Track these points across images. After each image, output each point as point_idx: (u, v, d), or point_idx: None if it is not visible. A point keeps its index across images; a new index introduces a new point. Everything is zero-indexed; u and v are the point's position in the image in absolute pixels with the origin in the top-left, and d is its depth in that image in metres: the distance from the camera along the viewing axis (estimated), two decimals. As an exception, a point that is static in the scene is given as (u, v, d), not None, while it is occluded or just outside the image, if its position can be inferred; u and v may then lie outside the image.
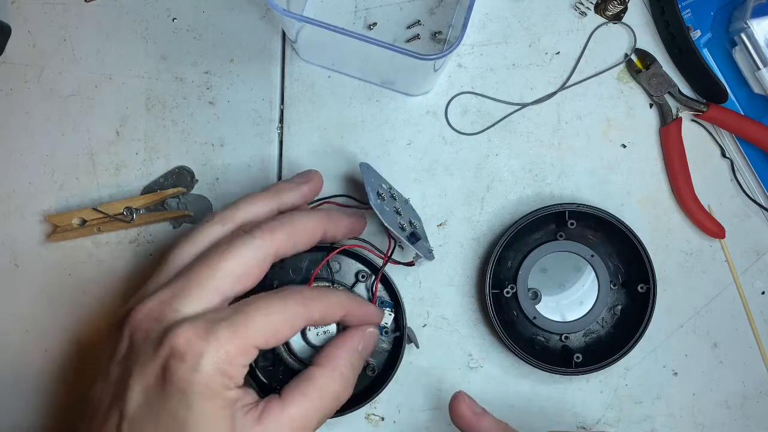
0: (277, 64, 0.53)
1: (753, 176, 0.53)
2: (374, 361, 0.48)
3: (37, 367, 0.52)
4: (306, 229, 0.42)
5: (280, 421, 0.37)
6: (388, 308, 0.48)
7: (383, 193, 0.47)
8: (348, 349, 0.42)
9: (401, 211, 0.47)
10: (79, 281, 0.52)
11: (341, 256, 0.49)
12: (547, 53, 0.53)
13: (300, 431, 0.38)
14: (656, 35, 0.54)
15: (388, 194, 0.48)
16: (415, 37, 0.53)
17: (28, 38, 0.53)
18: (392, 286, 0.48)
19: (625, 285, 0.52)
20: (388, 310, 0.48)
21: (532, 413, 0.52)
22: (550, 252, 0.51)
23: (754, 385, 0.53)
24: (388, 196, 0.47)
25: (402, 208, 0.48)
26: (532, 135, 0.53)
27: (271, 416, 0.37)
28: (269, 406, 0.38)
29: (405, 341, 0.47)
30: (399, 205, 0.48)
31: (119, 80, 0.53)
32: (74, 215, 0.51)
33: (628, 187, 0.53)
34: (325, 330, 0.46)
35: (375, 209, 0.43)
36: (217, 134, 0.53)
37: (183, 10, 0.53)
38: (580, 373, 0.49)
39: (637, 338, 0.49)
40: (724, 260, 0.53)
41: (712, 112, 0.52)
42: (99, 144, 0.53)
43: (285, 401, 0.38)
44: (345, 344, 0.42)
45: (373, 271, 0.48)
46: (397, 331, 0.48)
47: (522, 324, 0.51)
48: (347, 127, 0.53)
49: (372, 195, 0.44)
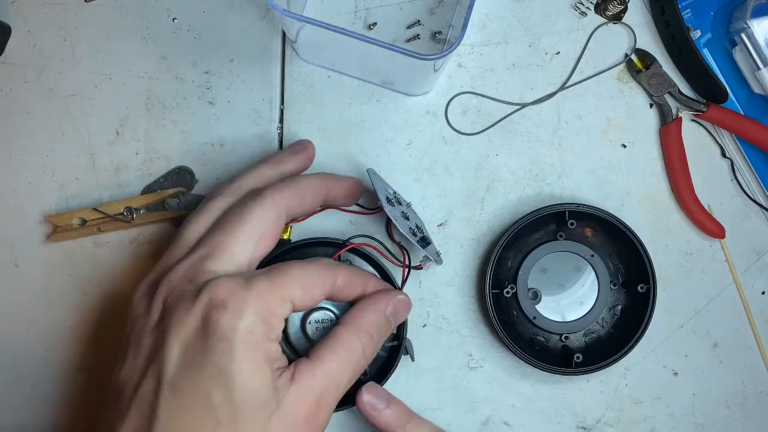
0: (277, 64, 0.53)
1: (753, 176, 0.53)
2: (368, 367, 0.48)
3: (37, 367, 0.52)
4: (311, 187, 0.44)
5: (314, 378, 0.37)
6: None
7: (391, 198, 0.47)
8: (374, 309, 0.42)
9: (408, 216, 0.48)
10: (79, 281, 0.52)
11: (352, 255, 0.48)
12: (547, 53, 0.53)
13: (333, 387, 0.38)
14: (656, 35, 0.54)
15: (395, 199, 0.48)
16: (415, 37, 0.53)
17: (28, 38, 0.53)
18: (388, 276, 0.48)
19: (625, 285, 0.52)
20: None
21: (532, 413, 0.52)
22: (550, 252, 0.51)
23: (754, 385, 0.53)
24: (395, 202, 0.47)
25: (408, 213, 0.48)
26: (532, 135, 0.53)
27: (304, 375, 0.37)
28: (300, 367, 0.38)
29: (402, 352, 0.47)
30: (405, 210, 0.48)
31: (119, 80, 0.53)
32: (74, 215, 0.51)
33: (628, 187, 0.53)
34: (323, 320, 0.45)
35: (390, 215, 0.43)
36: (217, 134, 0.53)
37: (183, 10, 0.53)
38: (580, 373, 0.49)
39: (637, 338, 0.49)
40: (724, 260, 0.53)
41: (712, 112, 0.52)
42: (99, 144, 0.53)
43: (314, 360, 0.38)
44: (371, 305, 0.42)
45: (381, 272, 0.48)
46: (395, 340, 0.48)
47: (522, 324, 0.51)
48: (347, 127, 0.53)
49: (384, 201, 0.44)
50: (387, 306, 0.42)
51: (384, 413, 0.44)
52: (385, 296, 0.43)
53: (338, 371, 0.39)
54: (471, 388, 0.52)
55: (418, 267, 0.47)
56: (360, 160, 0.53)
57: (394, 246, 0.49)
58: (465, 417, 0.52)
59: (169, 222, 0.52)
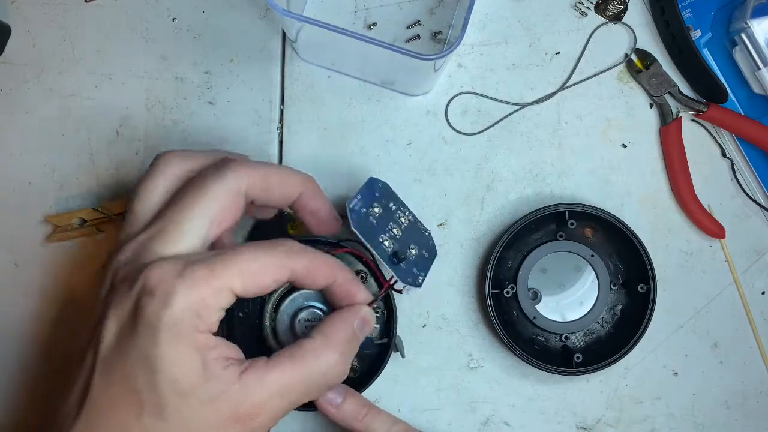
0: (277, 64, 0.53)
1: (753, 176, 0.53)
2: (357, 363, 0.48)
3: (38, 368, 0.52)
4: (280, 174, 0.41)
5: (262, 382, 0.35)
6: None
7: (380, 209, 0.45)
8: (342, 323, 0.39)
9: (397, 233, 0.45)
10: (80, 281, 0.52)
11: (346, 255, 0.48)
12: (547, 53, 0.53)
13: (282, 398, 0.36)
14: (656, 35, 0.54)
15: (392, 213, 0.46)
16: (415, 37, 0.53)
17: (28, 38, 0.53)
18: (388, 294, 0.47)
19: (625, 285, 0.52)
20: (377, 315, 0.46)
21: (532, 413, 0.52)
22: (550, 252, 0.51)
23: (754, 385, 0.53)
24: (387, 215, 0.45)
25: (405, 232, 0.46)
26: (532, 135, 0.53)
27: (252, 375, 0.35)
28: (254, 366, 0.36)
29: (392, 348, 0.47)
30: (399, 228, 0.46)
31: (119, 80, 0.53)
32: (74, 215, 0.51)
33: (628, 187, 0.53)
34: (311, 319, 0.45)
35: (348, 211, 0.42)
36: (217, 134, 0.53)
37: (183, 10, 0.53)
38: (580, 373, 0.49)
39: (637, 338, 0.49)
40: (724, 260, 0.53)
41: (712, 112, 0.52)
42: (99, 144, 0.53)
43: (271, 365, 0.36)
44: (339, 319, 0.39)
45: (371, 274, 0.48)
46: (385, 337, 0.47)
47: (522, 324, 0.51)
48: (347, 127, 0.53)
49: (356, 200, 0.42)
50: (354, 320, 0.40)
51: (342, 408, 0.43)
52: (351, 310, 0.40)
53: (290, 383, 0.36)
54: (471, 388, 0.52)
55: (398, 290, 0.46)
56: (360, 160, 0.53)
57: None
58: (465, 417, 0.52)
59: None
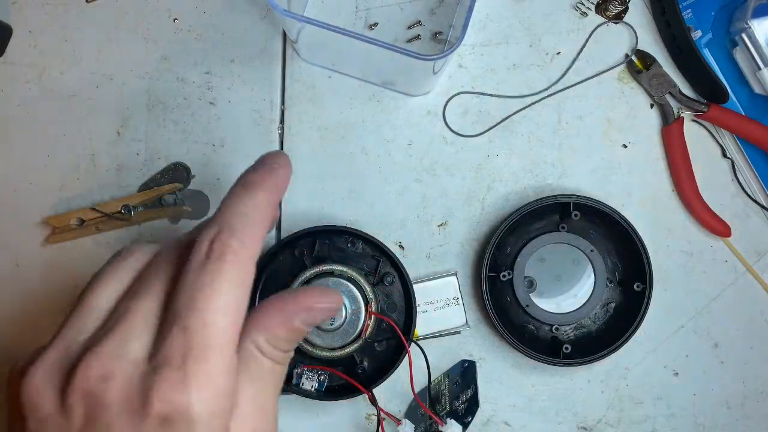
0: (278, 65, 0.53)
1: (754, 176, 0.53)
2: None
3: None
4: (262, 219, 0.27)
5: None
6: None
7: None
8: None
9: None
10: (80, 281, 0.52)
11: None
12: (547, 53, 0.53)
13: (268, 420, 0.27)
14: (657, 35, 0.53)
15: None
16: (416, 37, 0.53)
17: (29, 38, 0.53)
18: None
19: (622, 284, 0.52)
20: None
21: (532, 413, 0.52)
22: (550, 242, 0.51)
23: (754, 385, 0.52)
24: None
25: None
26: (533, 135, 0.53)
27: None
28: None
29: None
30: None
31: (120, 80, 0.53)
32: (72, 215, 0.51)
33: (629, 187, 0.53)
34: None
35: None
36: (217, 135, 0.53)
37: (184, 11, 0.53)
38: (566, 364, 0.49)
39: (627, 337, 0.49)
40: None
41: (713, 112, 0.52)
42: (100, 144, 0.53)
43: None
44: None
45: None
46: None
47: (514, 311, 0.51)
48: (348, 127, 0.53)
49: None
50: None
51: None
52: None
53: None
54: (471, 388, 0.52)
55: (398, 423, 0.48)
56: (360, 160, 0.53)
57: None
58: (465, 417, 0.52)
59: (168, 218, 0.52)
